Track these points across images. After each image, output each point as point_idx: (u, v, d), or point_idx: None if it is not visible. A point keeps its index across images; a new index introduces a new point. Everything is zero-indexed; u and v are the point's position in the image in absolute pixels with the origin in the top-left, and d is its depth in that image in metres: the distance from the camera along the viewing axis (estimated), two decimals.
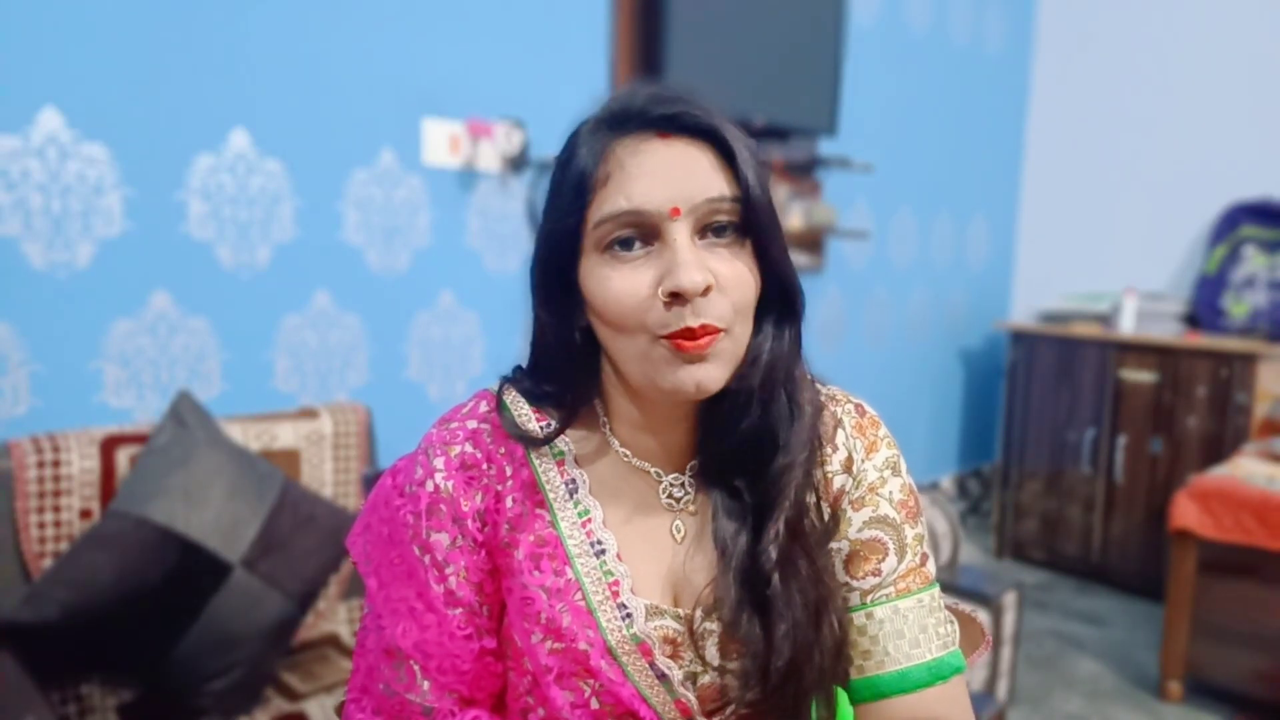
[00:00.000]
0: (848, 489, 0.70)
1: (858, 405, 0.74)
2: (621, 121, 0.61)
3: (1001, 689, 1.99)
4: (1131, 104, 3.42)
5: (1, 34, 1.40)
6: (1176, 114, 3.30)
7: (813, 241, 2.87)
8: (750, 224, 0.61)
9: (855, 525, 0.70)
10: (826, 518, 0.69)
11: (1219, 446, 2.77)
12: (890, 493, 0.71)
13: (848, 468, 0.71)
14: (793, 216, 2.66)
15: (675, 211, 0.59)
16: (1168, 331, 3.04)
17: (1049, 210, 3.72)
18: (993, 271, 3.76)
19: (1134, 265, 3.39)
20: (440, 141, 1.95)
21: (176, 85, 1.58)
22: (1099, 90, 3.52)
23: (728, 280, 0.60)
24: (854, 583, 0.68)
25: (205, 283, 1.66)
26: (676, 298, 0.58)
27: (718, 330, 0.59)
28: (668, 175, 0.59)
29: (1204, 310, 3.10)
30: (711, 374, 0.60)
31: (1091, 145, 3.55)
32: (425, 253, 1.97)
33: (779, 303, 0.65)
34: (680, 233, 0.59)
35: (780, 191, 2.65)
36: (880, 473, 0.71)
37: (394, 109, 1.88)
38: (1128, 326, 3.07)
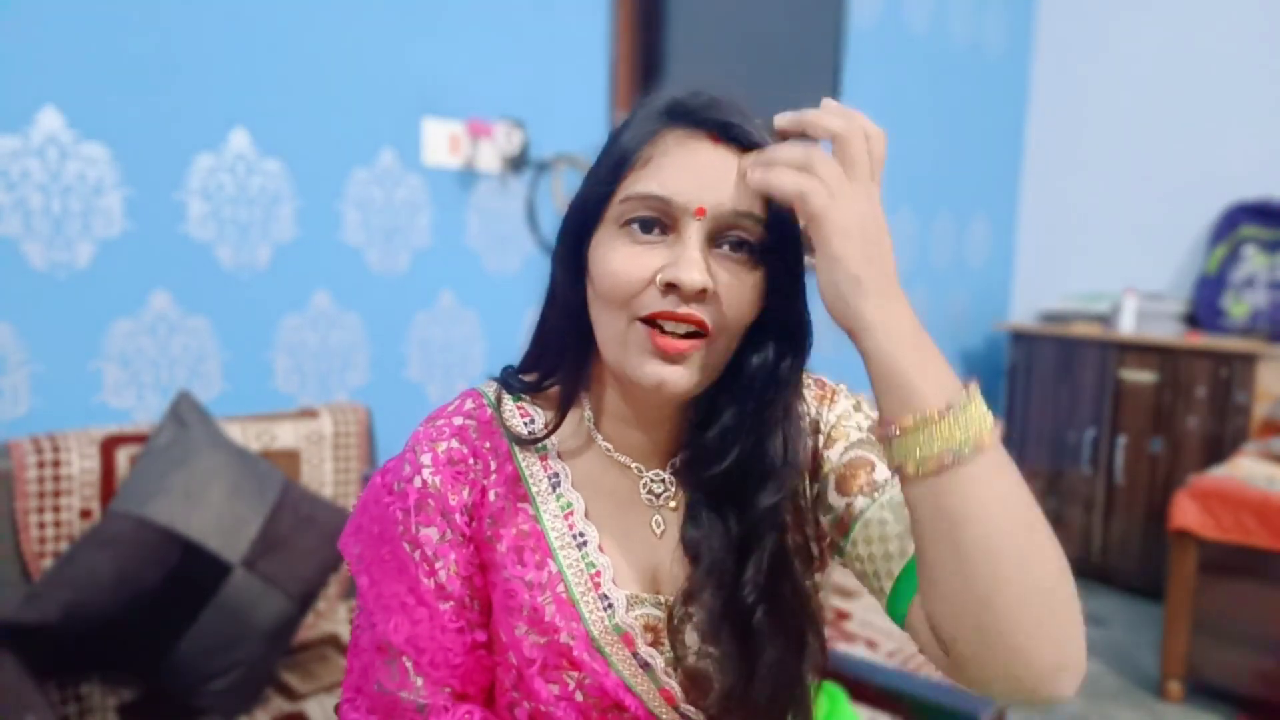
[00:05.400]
0: (819, 444, 0.71)
1: (817, 380, 0.76)
2: (678, 114, 0.62)
3: None
4: (1131, 104, 3.42)
5: (1, 34, 1.40)
6: (1177, 114, 3.30)
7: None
8: (768, 250, 0.62)
9: (834, 458, 0.70)
10: (813, 533, 0.70)
11: (1219, 446, 2.77)
12: (858, 422, 0.72)
13: (815, 429, 0.72)
14: None
15: (700, 211, 0.59)
16: (1168, 331, 3.04)
17: (1049, 210, 3.72)
18: (993, 271, 3.76)
19: (1134, 265, 3.39)
20: (440, 141, 1.95)
21: (176, 85, 1.58)
22: (1099, 90, 3.52)
23: (726, 290, 0.60)
24: (848, 499, 0.67)
25: (205, 283, 1.66)
26: (672, 288, 0.59)
27: (702, 331, 0.60)
28: (706, 176, 0.60)
29: (1204, 310, 3.10)
30: (679, 377, 0.60)
31: (1091, 145, 3.55)
32: (425, 253, 1.97)
33: (786, 335, 0.65)
34: (696, 233, 0.59)
35: None
36: (840, 413, 0.72)
37: (394, 109, 1.88)
38: (1128, 326, 3.07)
